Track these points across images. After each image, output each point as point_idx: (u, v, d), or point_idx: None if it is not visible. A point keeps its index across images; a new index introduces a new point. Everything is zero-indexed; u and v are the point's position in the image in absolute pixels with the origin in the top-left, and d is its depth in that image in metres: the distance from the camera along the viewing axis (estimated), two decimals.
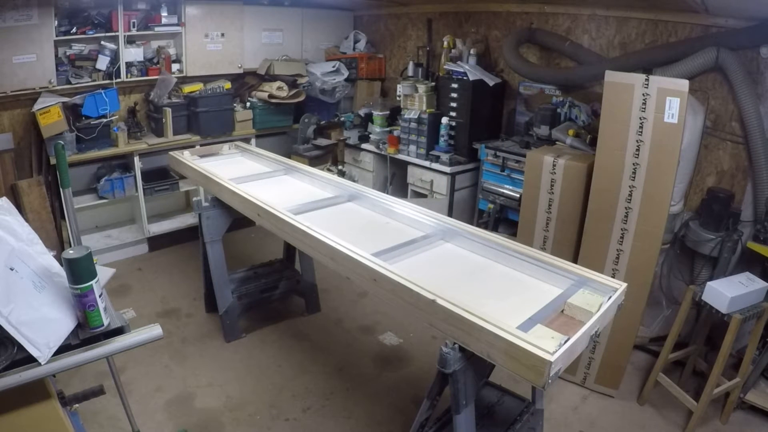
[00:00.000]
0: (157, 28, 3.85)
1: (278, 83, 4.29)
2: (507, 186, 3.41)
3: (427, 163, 3.79)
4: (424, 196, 3.91)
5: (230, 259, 2.99)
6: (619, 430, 2.40)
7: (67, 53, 3.62)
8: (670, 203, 2.33)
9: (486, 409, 2.02)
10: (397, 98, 4.13)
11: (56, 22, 3.45)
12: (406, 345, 2.99)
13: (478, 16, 4.01)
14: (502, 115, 3.92)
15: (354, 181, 3.90)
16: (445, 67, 3.81)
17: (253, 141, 4.24)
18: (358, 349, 2.96)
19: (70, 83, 3.60)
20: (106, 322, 1.21)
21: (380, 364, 2.83)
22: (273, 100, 4.25)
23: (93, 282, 1.16)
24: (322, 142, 4.46)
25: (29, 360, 1.07)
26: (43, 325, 1.10)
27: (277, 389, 2.58)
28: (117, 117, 3.79)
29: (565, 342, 1.32)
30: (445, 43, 3.92)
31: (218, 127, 4.09)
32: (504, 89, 3.85)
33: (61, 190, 2.12)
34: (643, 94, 2.22)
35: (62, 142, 2.12)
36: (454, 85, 3.72)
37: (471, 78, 3.61)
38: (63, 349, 1.13)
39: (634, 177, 2.32)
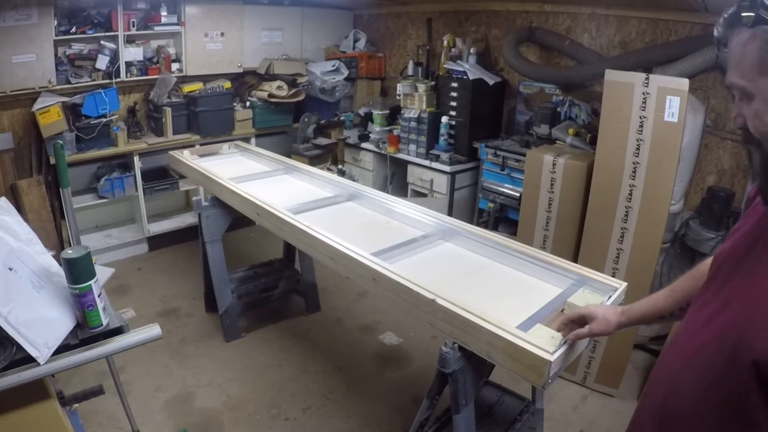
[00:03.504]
0: (156, 28, 3.85)
1: (278, 82, 4.28)
2: (507, 185, 3.40)
3: (427, 163, 3.79)
4: (424, 195, 3.90)
5: (230, 259, 2.99)
6: (620, 430, 2.38)
7: (67, 53, 3.62)
8: (670, 202, 2.33)
9: (486, 408, 2.01)
10: (397, 97, 4.13)
11: (56, 22, 3.44)
12: (406, 345, 2.99)
13: (478, 15, 4.01)
14: (502, 114, 3.92)
15: (354, 180, 3.89)
16: (445, 66, 3.81)
17: (252, 140, 4.24)
18: (358, 348, 2.96)
19: (69, 83, 3.59)
20: (105, 321, 1.20)
21: (380, 363, 2.83)
22: (273, 100, 4.24)
23: (92, 282, 1.16)
24: (321, 141, 4.45)
25: (28, 360, 1.06)
26: (41, 325, 1.09)
27: (277, 389, 2.58)
28: (117, 116, 3.78)
29: (565, 342, 1.32)
30: (445, 42, 3.91)
31: (218, 126, 4.09)
32: (504, 88, 3.85)
33: (60, 189, 2.12)
34: (643, 93, 2.22)
35: (61, 142, 2.12)
36: (454, 84, 3.72)
37: (471, 77, 3.61)
38: (62, 349, 1.12)
39: (635, 176, 2.32)
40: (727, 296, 0.82)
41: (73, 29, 3.55)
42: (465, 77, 3.64)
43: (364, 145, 4.28)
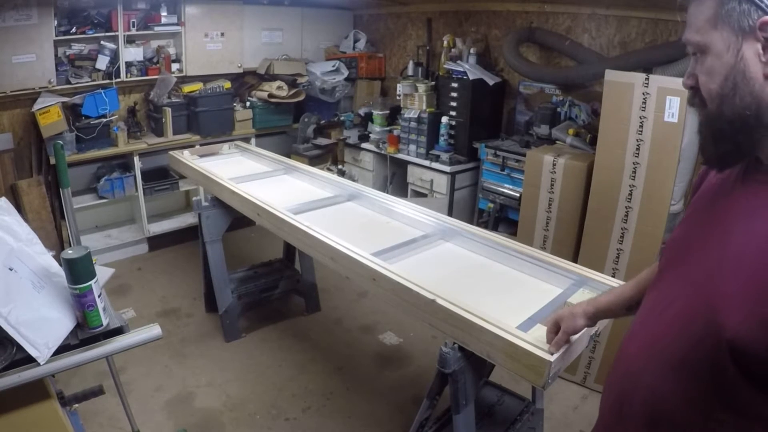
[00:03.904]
0: (156, 28, 3.85)
1: (278, 83, 4.29)
2: (507, 185, 3.40)
3: (427, 163, 3.79)
4: (424, 195, 3.90)
5: (230, 259, 2.99)
6: None
7: (67, 53, 3.61)
8: (670, 202, 2.33)
9: (486, 408, 2.01)
10: (397, 97, 4.13)
11: (56, 22, 3.44)
12: (406, 345, 2.99)
13: (478, 15, 4.01)
14: (502, 114, 3.92)
15: (354, 180, 3.89)
16: (445, 66, 3.81)
17: (252, 140, 4.24)
18: (358, 348, 2.96)
19: (69, 83, 3.59)
20: (105, 322, 1.20)
21: (380, 363, 2.83)
22: (273, 100, 4.24)
23: (92, 282, 1.16)
24: (321, 141, 4.45)
25: (28, 360, 1.06)
26: (42, 325, 1.09)
27: (277, 389, 2.58)
28: (117, 117, 3.78)
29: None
30: (445, 43, 3.91)
31: (218, 126, 4.09)
32: (504, 88, 3.85)
33: (60, 189, 2.12)
34: (643, 94, 2.22)
35: (61, 142, 2.11)
36: (454, 85, 3.72)
37: (471, 77, 3.61)
38: (62, 349, 1.12)
39: (635, 176, 2.32)
40: (686, 277, 0.81)
41: (73, 29, 3.55)
42: (465, 77, 3.64)
43: (364, 145, 4.28)
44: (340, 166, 4.46)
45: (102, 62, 3.69)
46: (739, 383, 0.70)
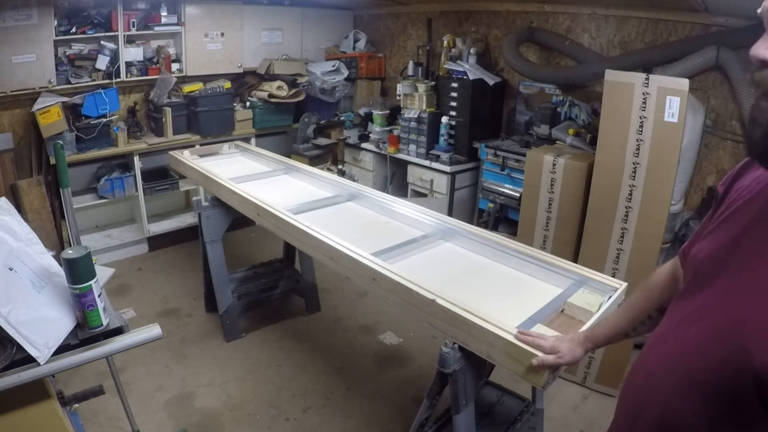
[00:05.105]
0: (156, 28, 3.85)
1: (278, 83, 4.29)
2: (507, 185, 3.40)
3: (427, 163, 3.79)
4: (424, 195, 3.90)
5: (230, 259, 2.99)
6: None
7: (67, 53, 3.62)
8: (670, 202, 2.33)
9: (486, 408, 2.01)
10: (397, 97, 4.13)
11: (56, 22, 3.44)
12: (406, 345, 2.99)
13: (478, 15, 4.01)
14: (502, 114, 3.92)
15: (354, 180, 3.89)
16: (445, 66, 3.81)
17: (253, 140, 4.24)
18: (358, 348, 2.96)
19: (69, 83, 3.59)
20: (105, 322, 1.20)
21: (380, 363, 2.83)
22: (273, 100, 4.24)
23: (92, 282, 1.16)
24: (322, 141, 4.46)
25: (28, 360, 1.06)
26: (42, 325, 1.09)
27: (277, 389, 2.58)
28: (117, 117, 3.78)
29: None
30: (445, 43, 3.91)
31: (218, 126, 4.09)
32: (504, 88, 3.85)
33: (60, 189, 2.12)
34: (643, 93, 2.22)
35: (61, 142, 2.11)
36: (454, 85, 3.72)
37: (471, 77, 3.61)
38: (62, 349, 1.12)
39: (635, 176, 2.32)
40: (715, 293, 0.77)
41: (73, 29, 3.55)
42: (465, 77, 3.64)
43: (364, 145, 4.28)
44: (340, 166, 4.46)
45: (102, 62, 3.69)
46: (758, 412, 0.67)
